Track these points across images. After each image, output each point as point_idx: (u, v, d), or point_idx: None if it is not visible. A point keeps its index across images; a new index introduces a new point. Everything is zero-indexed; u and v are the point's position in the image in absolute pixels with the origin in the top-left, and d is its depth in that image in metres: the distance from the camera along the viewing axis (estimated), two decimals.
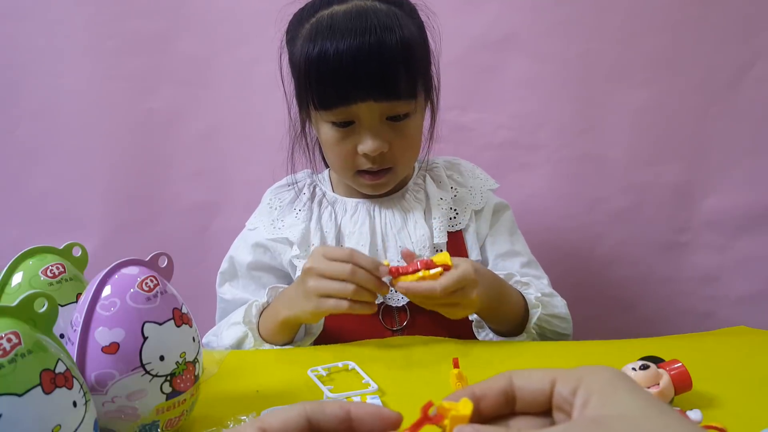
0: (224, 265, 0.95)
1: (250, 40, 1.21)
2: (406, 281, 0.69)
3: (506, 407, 0.32)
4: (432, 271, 0.69)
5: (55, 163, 1.25)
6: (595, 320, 1.24)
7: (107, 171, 1.25)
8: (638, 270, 1.29)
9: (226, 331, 0.84)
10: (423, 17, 0.85)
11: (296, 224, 0.90)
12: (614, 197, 1.26)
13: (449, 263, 0.70)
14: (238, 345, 0.82)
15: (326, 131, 0.83)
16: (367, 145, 0.80)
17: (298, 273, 0.87)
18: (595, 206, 1.27)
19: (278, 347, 0.81)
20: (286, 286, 0.85)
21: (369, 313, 0.73)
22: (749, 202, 1.24)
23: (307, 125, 0.91)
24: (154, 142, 1.25)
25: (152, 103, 1.23)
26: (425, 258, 0.71)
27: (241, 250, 0.94)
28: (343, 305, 0.71)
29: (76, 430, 0.41)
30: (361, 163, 0.83)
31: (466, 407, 0.30)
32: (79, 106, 1.23)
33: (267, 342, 0.81)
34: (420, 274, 0.69)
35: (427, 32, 0.86)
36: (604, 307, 1.28)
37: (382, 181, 0.85)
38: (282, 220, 0.92)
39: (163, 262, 0.55)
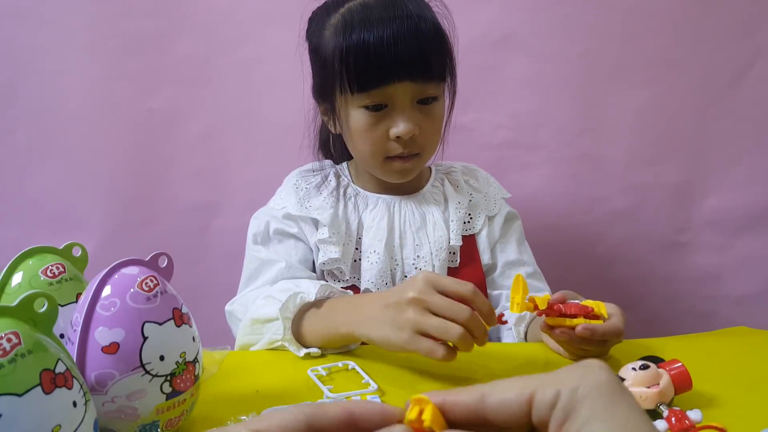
0: (255, 227, 0.93)
1: (250, 40, 1.21)
2: (565, 324, 0.67)
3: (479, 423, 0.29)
4: (593, 322, 0.67)
5: (55, 163, 1.24)
6: None
7: (107, 171, 1.25)
8: (638, 270, 1.29)
9: (261, 301, 0.78)
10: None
11: (324, 208, 0.90)
12: (614, 197, 1.26)
13: (605, 315, 0.69)
14: (264, 323, 0.75)
15: (357, 117, 0.84)
16: (400, 128, 0.82)
17: (322, 257, 0.87)
18: (595, 206, 1.27)
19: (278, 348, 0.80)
20: (339, 289, 0.77)
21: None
22: (749, 202, 1.24)
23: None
24: (154, 142, 1.25)
25: (152, 103, 1.23)
26: (577, 302, 0.70)
27: (269, 218, 0.92)
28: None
29: (76, 430, 0.41)
30: (392, 149, 0.85)
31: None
32: (79, 106, 1.22)
33: (302, 338, 0.74)
34: (578, 321, 0.67)
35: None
36: None
37: (410, 166, 0.87)
38: (309, 201, 0.91)
39: (163, 262, 0.55)
